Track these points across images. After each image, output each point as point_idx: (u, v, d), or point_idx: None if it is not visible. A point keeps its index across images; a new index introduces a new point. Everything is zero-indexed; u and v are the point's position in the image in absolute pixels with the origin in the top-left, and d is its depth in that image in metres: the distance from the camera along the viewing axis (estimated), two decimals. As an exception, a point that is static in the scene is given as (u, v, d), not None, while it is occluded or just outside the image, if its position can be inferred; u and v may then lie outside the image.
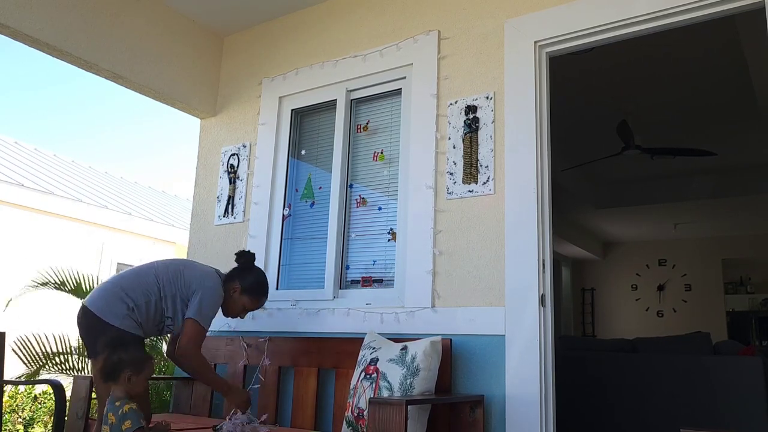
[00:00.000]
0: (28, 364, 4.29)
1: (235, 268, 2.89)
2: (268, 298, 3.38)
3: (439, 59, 3.04)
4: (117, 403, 2.27)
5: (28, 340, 4.34)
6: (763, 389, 3.72)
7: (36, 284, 4.57)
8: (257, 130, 3.69)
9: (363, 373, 2.54)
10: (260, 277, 2.90)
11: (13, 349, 4.21)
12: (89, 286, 4.64)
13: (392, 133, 3.23)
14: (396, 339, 2.68)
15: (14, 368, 4.36)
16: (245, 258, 2.91)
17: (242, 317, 2.91)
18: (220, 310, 2.83)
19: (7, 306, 4.76)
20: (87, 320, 2.61)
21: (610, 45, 2.80)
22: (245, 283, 2.83)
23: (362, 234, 3.22)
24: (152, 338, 4.61)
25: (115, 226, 8.64)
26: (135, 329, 2.60)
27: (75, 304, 4.71)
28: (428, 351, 2.43)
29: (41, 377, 4.21)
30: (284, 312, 3.26)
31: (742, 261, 9.73)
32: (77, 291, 4.65)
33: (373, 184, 3.25)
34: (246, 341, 3.25)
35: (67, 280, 4.57)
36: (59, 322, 4.89)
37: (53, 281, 4.54)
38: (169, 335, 3.02)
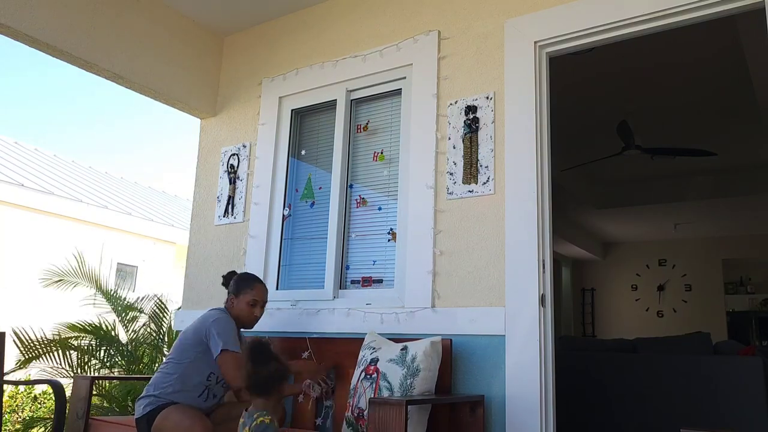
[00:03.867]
0: (25, 354, 4.30)
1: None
2: (269, 299, 3.39)
3: (439, 59, 3.04)
4: (255, 415, 2.14)
5: (25, 332, 4.35)
6: (763, 389, 3.72)
7: (55, 280, 4.68)
8: (257, 130, 3.69)
9: (363, 373, 2.54)
10: (240, 275, 3.01)
11: (13, 339, 4.23)
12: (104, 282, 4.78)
13: (392, 133, 3.23)
14: (396, 339, 2.68)
15: (11, 361, 4.37)
16: (225, 278, 3.04)
17: (260, 314, 2.93)
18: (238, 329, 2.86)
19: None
20: None
21: (610, 45, 2.80)
22: (233, 289, 2.91)
23: (362, 234, 3.22)
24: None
25: (115, 226, 8.64)
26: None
27: (71, 296, 4.80)
28: (428, 351, 2.43)
29: (41, 377, 4.22)
30: (284, 312, 3.26)
31: (742, 261, 9.73)
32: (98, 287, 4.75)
33: (373, 184, 3.25)
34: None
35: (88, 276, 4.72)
36: (55, 316, 4.92)
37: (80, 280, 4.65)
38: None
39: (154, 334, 4.65)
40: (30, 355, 4.27)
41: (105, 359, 4.47)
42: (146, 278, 9.23)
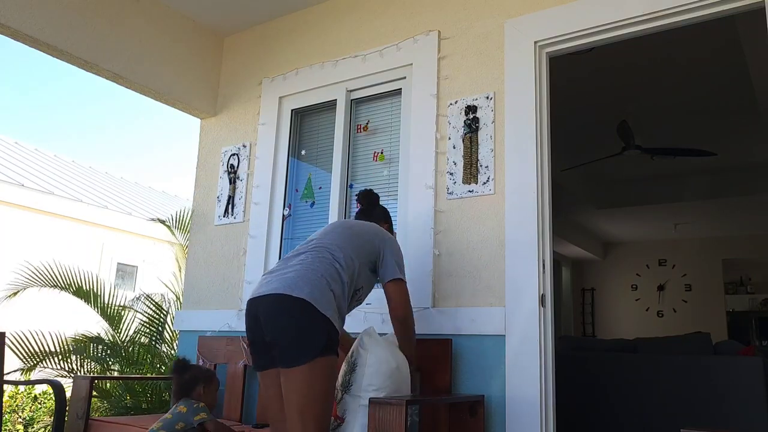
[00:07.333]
0: (25, 361, 4.30)
1: (365, 211, 2.65)
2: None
3: (439, 59, 3.04)
4: (195, 405, 2.55)
5: (25, 338, 4.35)
6: (763, 389, 3.72)
7: (36, 284, 4.58)
8: (257, 130, 3.69)
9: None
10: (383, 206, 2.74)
11: (8, 347, 4.22)
12: (91, 286, 4.67)
13: (392, 133, 3.23)
14: (396, 339, 2.67)
15: (11, 365, 4.36)
16: (367, 198, 2.67)
17: None
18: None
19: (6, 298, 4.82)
20: (304, 313, 2.07)
21: (610, 45, 2.80)
22: (385, 218, 2.64)
23: (362, 234, 3.21)
24: (152, 341, 4.62)
25: (115, 226, 8.64)
26: (337, 320, 2.18)
27: (73, 301, 4.73)
28: (358, 344, 2.38)
29: (41, 377, 4.22)
30: (284, 312, 3.26)
31: (742, 261, 9.74)
32: (79, 292, 4.66)
33: (373, 184, 3.25)
34: (246, 341, 3.24)
35: (73, 281, 4.62)
36: (55, 320, 4.91)
37: (60, 284, 4.57)
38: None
39: (151, 336, 4.64)
40: (33, 363, 4.28)
41: (106, 359, 4.47)
42: (146, 278, 9.23)
